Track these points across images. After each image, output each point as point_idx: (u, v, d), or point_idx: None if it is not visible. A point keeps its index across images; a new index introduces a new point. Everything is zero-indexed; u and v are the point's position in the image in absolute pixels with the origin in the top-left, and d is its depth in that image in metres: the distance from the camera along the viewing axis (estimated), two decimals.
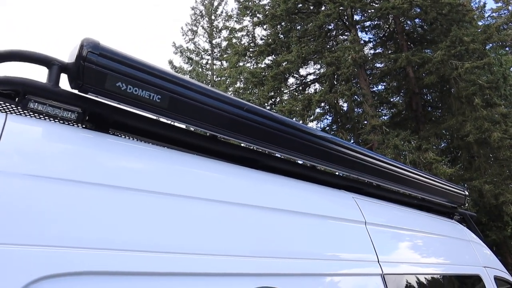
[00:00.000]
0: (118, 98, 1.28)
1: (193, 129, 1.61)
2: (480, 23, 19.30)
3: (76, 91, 1.26)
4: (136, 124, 1.46)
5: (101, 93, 1.23)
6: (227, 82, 20.50)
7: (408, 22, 18.07)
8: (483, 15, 22.71)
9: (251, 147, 1.84)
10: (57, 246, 0.93)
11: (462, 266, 2.64)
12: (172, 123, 1.56)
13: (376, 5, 16.17)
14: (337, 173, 2.30)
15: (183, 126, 1.57)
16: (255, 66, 18.86)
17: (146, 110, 1.37)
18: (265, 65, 18.08)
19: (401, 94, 19.01)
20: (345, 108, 18.80)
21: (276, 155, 1.95)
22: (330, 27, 17.62)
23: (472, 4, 19.98)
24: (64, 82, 1.26)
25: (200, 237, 1.24)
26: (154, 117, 1.47)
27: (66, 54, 1.34)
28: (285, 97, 18.26)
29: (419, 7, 15.88)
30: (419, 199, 2.97)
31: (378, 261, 1.89)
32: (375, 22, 18.28)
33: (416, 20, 17.82)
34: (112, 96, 1.26)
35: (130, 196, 1.14)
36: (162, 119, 1.50)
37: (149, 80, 1.33)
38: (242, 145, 1.80)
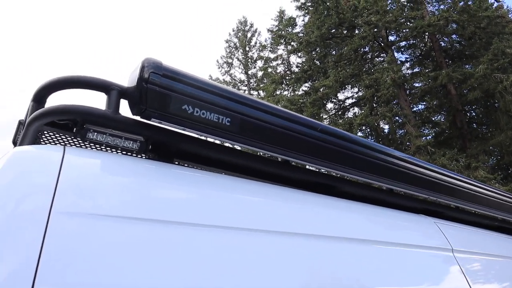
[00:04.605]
0: (184, 123, 1.14)
1: (265, 155, 1.48)
2: None
3: (138, 118, 1.15)
4: (203, 152, 1.34)
5: (166, 118, 1.11)
6: None
7: (445, 38, 17.79)
8: None
9: (325, 172, 1.70)
10: None
11: None
12: (242, 149, 1.43)
13: (411, 25, 16.07)
14: (412, 196, 2.09)
15: (261, 152, 1.45)
16: (292, 93, 18.98)
17: (214, 135, 1.23)
18: (303, 92, 18.14)
19: (443, 112, 18.53)
20: (386, 130, 18.49)
21: (351, 178, 1.79)
22: (365, 50, 17.60)
23: (510, 16, 19.50)
24: (124, 109, 1.16)
25: (278, 273, 1.13)
26: (224, 144, 1.36)
27: (122, 78, 1.25)
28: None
29: (455, 23, 15.65)
30: (507, 222, 2.74)
31: None
32: (411, 42, 18.11)
33: (453, 36, 17.52)
34: (178, 120, 1.13)
35: (202, 233, 1.02)
36: (231, 145, 1.38)
37: (218, 102, 1.20)
38: (314, 169, 1.66)
